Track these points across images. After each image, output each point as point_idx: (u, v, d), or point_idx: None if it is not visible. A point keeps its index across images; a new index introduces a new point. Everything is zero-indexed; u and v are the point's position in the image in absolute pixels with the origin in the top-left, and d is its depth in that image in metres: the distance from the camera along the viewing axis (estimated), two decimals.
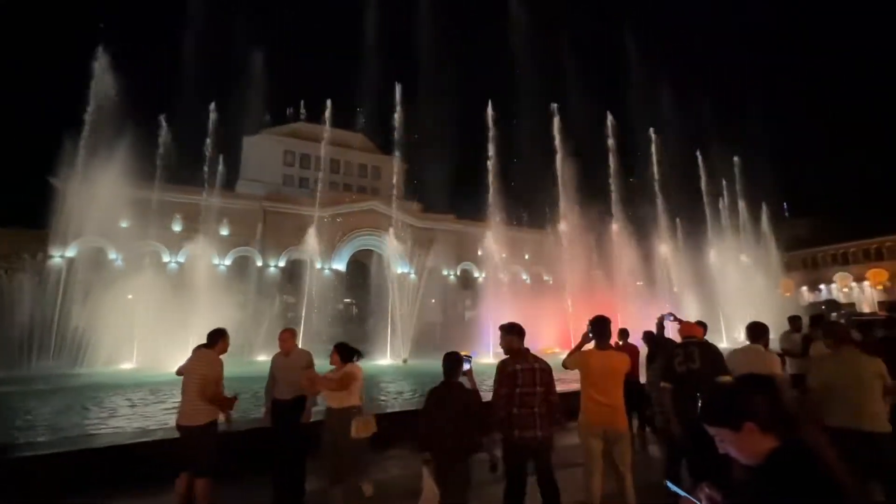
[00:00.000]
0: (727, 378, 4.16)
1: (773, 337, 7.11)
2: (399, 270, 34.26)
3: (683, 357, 4.40)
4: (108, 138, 24.78)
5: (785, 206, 37.06)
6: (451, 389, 3.65)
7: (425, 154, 28.62)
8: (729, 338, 26.91)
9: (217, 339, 4.65)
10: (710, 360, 4.32)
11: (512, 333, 3.96)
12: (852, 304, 51.37)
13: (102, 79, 25.23)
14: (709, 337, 7.50)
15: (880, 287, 56.19)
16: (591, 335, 4.19)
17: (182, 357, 4.83)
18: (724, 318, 26.55)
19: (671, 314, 6.17)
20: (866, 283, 57.69)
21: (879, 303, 49.75)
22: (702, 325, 7.22)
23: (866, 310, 49.08)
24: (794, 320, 7.89)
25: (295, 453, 4.89)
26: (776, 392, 1.65)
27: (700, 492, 1.61)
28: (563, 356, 4.34)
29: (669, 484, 1.74)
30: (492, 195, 26.38)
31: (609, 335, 4.20)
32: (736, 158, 34.39)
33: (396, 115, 26.46)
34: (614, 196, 27.46)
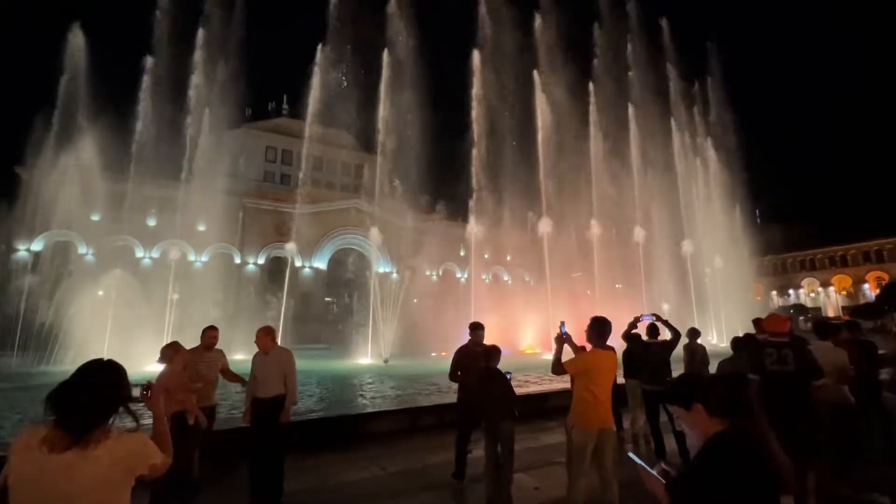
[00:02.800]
0: (824, 381, 4.41)
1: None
2: (381, 269, 34.06)
3: (777, 357, 4.40)
4: (80, 128, 23.85)
5: (757, 213, 38.30)
6: (493, 373, 4.88)
7: (409, 154, 28.48)
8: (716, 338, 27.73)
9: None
10: (804, 364, 4.34)
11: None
12: (818, 309, 53.68)
13: (75, 64, 24.26)
14: (701, 339, 7.79)
15: (844, 292, 58.82)
16: (577, 335, 4.36)
17: (155, 356, 4.77)
18: (700, 320, 27.26)
19: (654, 314, 6.25)
20: (831, 289, 60.33)
21: (843, 307, 52.11)
22: (696, 333, 7.47)
23: (831, 314, 51.33)
24: (756, 322, 8.37)
25: (274, 453, 4.83)
26: (737, 386, 1.92)
27: (657, 467, 1.80)
28: (544, 356, 4.44)
29: (631, 455, 1.93)
30: (475, 197, 26.47)
31: (608, 335, 4.21)
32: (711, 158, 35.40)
33: (381, 114, 26.28)
34: (595, 201, 27.88)
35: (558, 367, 4.16)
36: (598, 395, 3.95)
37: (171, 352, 4.74)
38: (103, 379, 1.80)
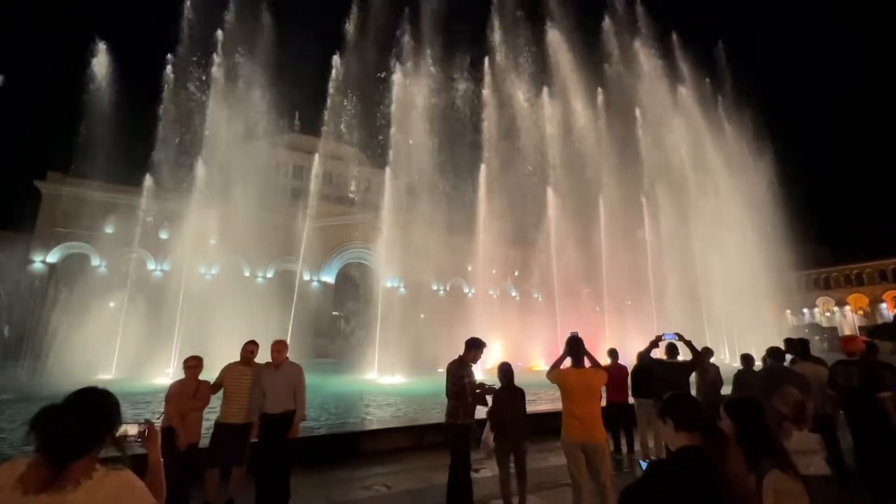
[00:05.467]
0: (886, 394, 4.79)
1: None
2: (388, 284, 34.00)
3: (845, 375, 5.09)
4: (97, 143, 24.54)
5: (770, 230, 37.75)
6: (514, 391, 4.97)
7: (419, 169, 28.81)
8: (728, 357, 27.13)
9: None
10: (868, 379, 4.93)
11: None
12: (834, 329, 52.32)
13: (93, 82, 25.07)
14: (714, 359, 7.67)
15: (860, 312, 57.44)
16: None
17: (164, 368, 4.85)
18: (711, 339, 26.74)
19: (676, 334, 6.23)
20: (847, 308, 58.96)
21: (860, 327, 50.79)
22: (709, 352, 7.39)
23: (847, 334, 49.96)
24: (788, 342, 8.06)
25: (280, 469, 4.77)
26: (698, 404, 2.04)
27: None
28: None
29: (642, 462, 2.10)
30: (484, 212, 26.56)
31: (583, 354, 4.45)
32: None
33: (391, 130, 26.71)
34: (604, 217, 27.78)
35: (548, 374, 4.56)
36: (574, 411, 4.20)
37: (183, 366, 4.80)
38: (89, 406, 1.57)
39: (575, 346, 4.42)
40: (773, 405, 3.08)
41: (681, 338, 6.19)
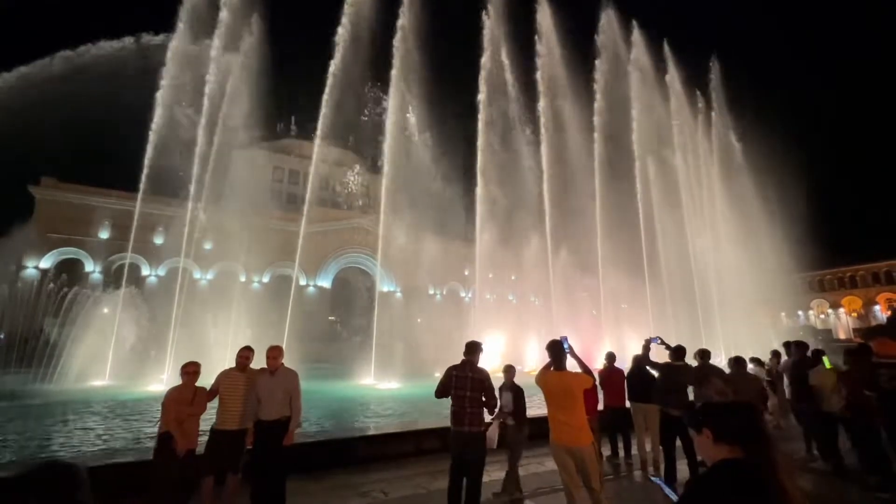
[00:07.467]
0: None
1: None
2: (385, 288, 33.98)
3: (888, 377, 5.18)
4: (90, 148, 24.42)
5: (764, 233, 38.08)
6: (515, 387, 5.65)
7: (415, 173, 28.86)
8: (725, 360, 27.11)
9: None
10: None
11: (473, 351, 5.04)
12: (829, 331, 52.68)
13: (86, 86, 24.93)
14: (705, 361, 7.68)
15: (854, 314, 57.88)
16: (583, 356, 4.76)
17: (158, 374, 4.80)
18: (708, 342, 26.84)
19: (658, 338, 6.36)
20: (841, 310, 59.40)
21: (854, 329, 51.14)
22: (707, 354, 7.39)
23: (842, 336, 50.38)
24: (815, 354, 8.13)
25: (276, 477, 4.73)
26: (746, 414, 1.84)
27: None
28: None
29: (653, 479, 1.98)
30: (480, 216, 26.61)
31: (563, 357, 4.48)
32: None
33: (387, 133, 26.73)
34: (599, 222, 27.89)
35: (535, 378, 4.61)
36: (555, 414, 4.23)
37: (182, 371, 4.76)
38: (48, 486, 1.22)
39: (554, 350, 4.46)
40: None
41: (662, 342, 6.31)
